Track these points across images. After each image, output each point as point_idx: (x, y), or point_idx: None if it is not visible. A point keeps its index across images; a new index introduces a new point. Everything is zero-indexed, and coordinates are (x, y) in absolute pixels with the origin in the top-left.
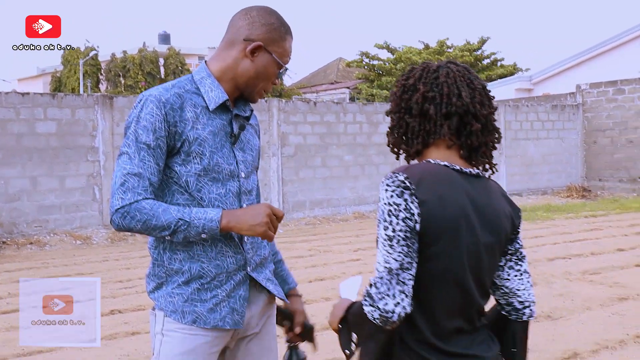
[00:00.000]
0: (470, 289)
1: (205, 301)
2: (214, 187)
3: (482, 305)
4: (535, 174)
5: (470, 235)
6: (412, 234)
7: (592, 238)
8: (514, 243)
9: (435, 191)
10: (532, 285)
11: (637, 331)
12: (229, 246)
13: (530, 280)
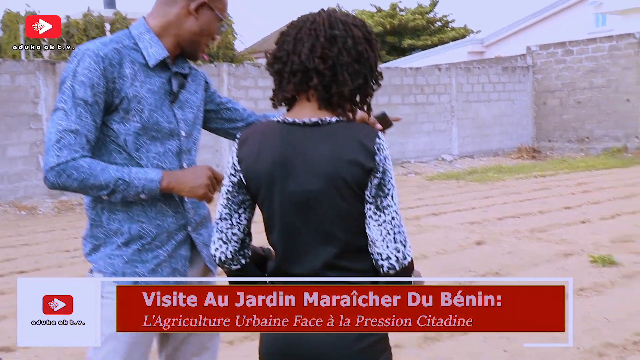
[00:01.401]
0: (303, 236)
1: (146, 262)
2: (152, 146)
3: (333, 254)
4: (487, 136)
5: (292, 184)
6: (236, 189)
7: (541, 197)
8: (374, 191)
9: (253, 148)
10: (402, 241)
11: (580, 285)
12: (169, 206)
13: (395, 234)
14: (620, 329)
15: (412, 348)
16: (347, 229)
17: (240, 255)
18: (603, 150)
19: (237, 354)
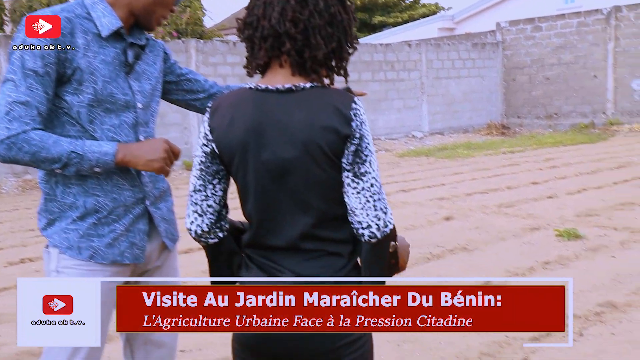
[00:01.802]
0: (278, 205)
1: (103, 236)
2: (107, 119)
3: (310, 224)
4: (457, 112)
5: (266, 152)
6: (209, 159)
7: (509, 173)
8: (351, 158)
9: (225, 117)
10: (382, 208)
11: (546, 258)
12: (126, 179)
13: (375, 201)
14: (583, 300)
15: None
16: (323, 197)
17: (217, 228)
18: (571, 126)
19: None
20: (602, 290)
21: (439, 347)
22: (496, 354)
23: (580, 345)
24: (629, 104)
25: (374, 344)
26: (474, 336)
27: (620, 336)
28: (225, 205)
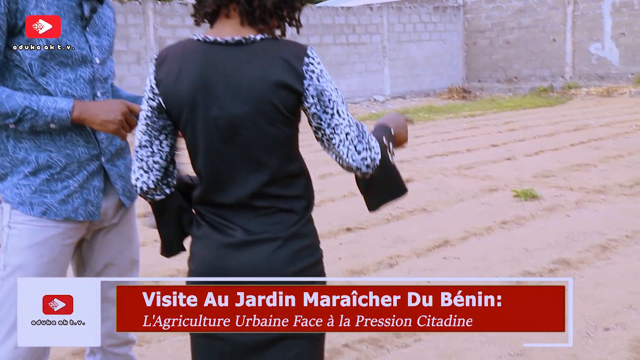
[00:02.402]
0: (229, 163)
1: (56, 192)
2: (61, 72)
3: (263, 182)
4: (418, 76)
5: (215, 108)
6: (155, 114)
7: (469, 136)
8: (316, 115)
9: (172, 69)
10: (366, 148)
11: (503, 218)
12: (80, 135)
13: (355, 145)
14: (538, 258)
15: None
16: (276, 155)
17: (164, 185)
18: (530, 89)
19: None
20: (557, 248)
21: None
22: None
23: None
24: (587, 67)
25: None
26: None
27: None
28: (172, 162)
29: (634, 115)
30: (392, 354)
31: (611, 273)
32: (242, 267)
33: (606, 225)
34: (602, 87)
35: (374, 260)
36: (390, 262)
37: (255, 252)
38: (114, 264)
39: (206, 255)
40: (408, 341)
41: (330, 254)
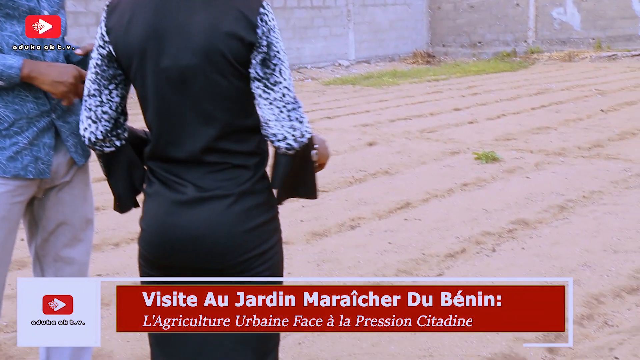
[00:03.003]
0: (180, 115)
1: (4, 149)
2: (8, 25)
3: (214, 136)
4: (383, 41)
5: (166, 58)
6: (105, 62)
7: (433, 100)
8: (260, 67)
9: (123, 17)
10: (298, 118)
11: (464, 180)
12: (29, 90)
13: (289, 111)
14: (497, 218)
15: (299, 244)
16: (228, 109)
17: (114, 136)
18: (493, 54)
19: None
20: (515, 209)
21: (358, 266)
22: (412, 271)
23: (493, 260)
24: (549, 32)
25: (283, 259)
26: (391, 254)
27: (529, 250)
28: (123, 113)
29: (593, 80)
30: None
31: (567, 232)
32: (194, 224)
33: (564, 186)
34: (564, 52)
35: (335, 222)
36: (352, 224)
37: (208, 209)
38: (67, 223)
39: (157, 213)
40: None
41: (292, 217)
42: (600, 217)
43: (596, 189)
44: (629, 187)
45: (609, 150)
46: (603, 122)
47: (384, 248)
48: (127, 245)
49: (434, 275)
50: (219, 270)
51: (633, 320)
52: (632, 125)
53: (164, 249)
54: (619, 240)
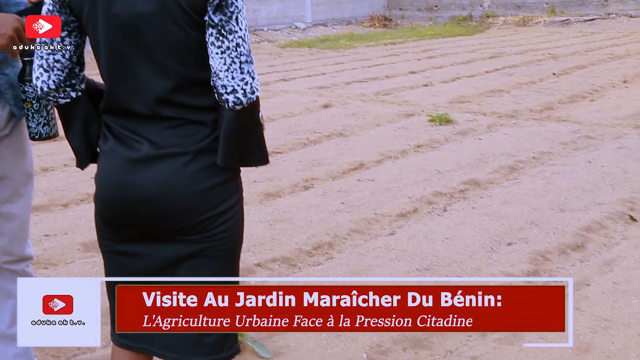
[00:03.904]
0: (133, 66)
1: None
2: None
3: (168, 88)
4: (340, 4)
5: (117, 4)
6: (57, 7)
7: (389, 63)
8: (214, 13)
9: None
10: (250, 72)
11: (417, 142)
12: None
13: (241, 63)
14: (449, 179)
15: (252, 205)
16: (183, 60)
17: (68, 87)
18: (450, 18)
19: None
20: (467, 170)
21: (310, 225)
22: (364, 230)
23: (444, 220)
24: None
25: (244, 219)
26: (344, 214)
27: (479, 210)
28: (79, 63)
29: (546, 44)
30: (304, 271)
31: (517, 192)
32: (149, 184)
33: (515, 147)
34: (519, 17)
35: (289, 183)
36: (306, 184)
37: (163, 167)
38: (7, 177)
39: (111, 172)
40: (320, 259)
41: (245, 177)
42: (548, 177)
43: (546, 150)
44: (577, 149)
45: (560, 113)
46: (554, 86)
47: (336, 208)
48: (76, 206)
49: (386, 235)
50: (176, 231)
51: (576, 276)
52: (582, 89)
53: (118, 208)
54: (565, 200)
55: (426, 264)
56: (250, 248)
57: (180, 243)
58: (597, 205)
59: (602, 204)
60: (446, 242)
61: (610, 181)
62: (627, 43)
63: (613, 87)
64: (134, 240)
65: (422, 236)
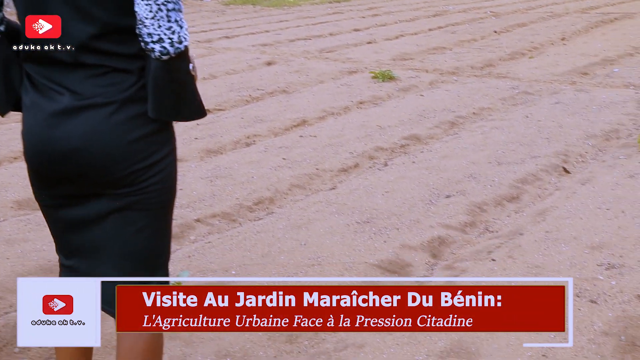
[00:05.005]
0: (52, 8)
1: None
2: None
3: (90, 34)
4: None
5: None
6: None
7: (333, 21)
8: None
9: None
10: (178, 20)
11: (360, 98)
12: None
13: (168, 10)
14: (390, 134)
15: (193, 161)
16: (106, 5)
17: None
18: None
19: None
20: (409, 125)
21: (251, 181)
22: (306, 185)
23: (384, 174)
24: None
25: (177, 171)
26: (285, 170)
27: (419, 164)
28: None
29: (489, 2)
30: (245, 226)
31: (456, 146)
32: (72, 136)
33: (456, 103)
34: None
35: (231, 140)
36: (247, 141)
37: (87, 119)
38: None
39: (35, 126)
40: (261, 214)
41: (186, 134)
42: (487, 132)
43: (485, 106)
44: (516, 104)
45: (500, 70)
46: (495, 43)
47: (278, 164)
48: (9, 163)
49: (327, 189)
50: (106, 184)
51: (511, 226)
52: (522, 46)
53: (45, 162)
54: (503, 153)
55: (366, 217)
56: (190, 204)
57: (110, 196)
58: (532, 158)
59: (537, 157)
60: (386, 196)
61: (546, 135)
62: (567, 1)
63: (552, 45)
64: (65, 194)
65: (363, 190)
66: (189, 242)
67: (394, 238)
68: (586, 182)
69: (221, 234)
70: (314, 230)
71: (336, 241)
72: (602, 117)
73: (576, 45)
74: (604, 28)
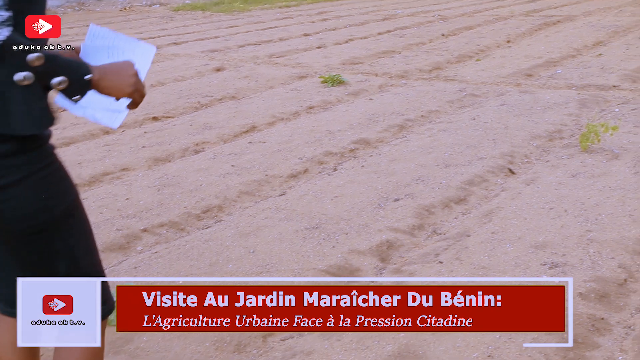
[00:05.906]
0: None
1: None
2: None
3: None
4: None
5: None
6: None
7: (283, 26)
8: None
9: None
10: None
11: (310, 103)
12: None
13: None
14: (339, 139)
15: (140, 170)
16: None
17: None
18: None
19: None
20: (358, 129)
21: (200, 189)
22: (255, 192)
23: (333, 179)
24: None
25: (55, 196)
26: (234, 177)
27: (369, 168)
28: None
29: (437, 6)
30: (192, 235)
31: (405, 150)
32: None
33: (405, 106)
34: None
35: (179, 148)
36: (196, 148)
37: None
38: None
39: None
40: (209, 222)
41: (133, 143)
42: (435, 135)
43: (433, 109)
44: (463, 107)
45: (447, 72)
46: (443, 46)
47: (227, 171)
48: None
49: (276, 195)
50: None
51: (458, 228)
52: (469, 49)
53: None
54: (450, 155)
55: (315, 222)
56: (136, 214)
57: None
58: (479, 159)
59: (484, 158)
60: (335, 201)
61: (492, 136)
62: (512, 4)
63: (497, 47)
64: None
65: (312, 195)
66: (136, 252)
67: (342, 243)
68: (531, 182)
69: (168, 243)
70: (263, 237)
71: (285, 248)
72: (546, 117)
73: (521, 47)
74: (547, 30)
